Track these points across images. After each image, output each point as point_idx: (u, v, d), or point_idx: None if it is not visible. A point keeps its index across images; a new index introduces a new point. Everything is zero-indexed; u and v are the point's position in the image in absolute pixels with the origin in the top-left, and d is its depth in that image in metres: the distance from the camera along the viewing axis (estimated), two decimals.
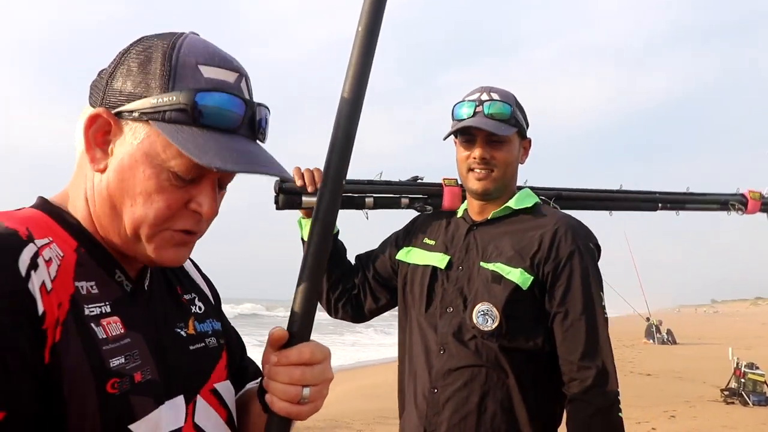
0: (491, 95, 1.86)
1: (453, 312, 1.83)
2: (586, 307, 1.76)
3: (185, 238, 0.92)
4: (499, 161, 1.85)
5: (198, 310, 1.06)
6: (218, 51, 0.90)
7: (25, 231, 0.81)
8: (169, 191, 0.87)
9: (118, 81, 0.87)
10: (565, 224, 1.84)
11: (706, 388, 11.17)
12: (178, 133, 0.83)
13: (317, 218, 0.93)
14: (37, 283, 0.77)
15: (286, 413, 0.91)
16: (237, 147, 0.86)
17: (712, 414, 8.93)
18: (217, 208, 0.91)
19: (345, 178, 0.94)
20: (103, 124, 0.87)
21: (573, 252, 1.78)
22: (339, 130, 0.93)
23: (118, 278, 0.91)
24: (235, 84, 0.89)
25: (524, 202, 1.91)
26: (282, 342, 0.92)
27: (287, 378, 0.90)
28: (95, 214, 0.90)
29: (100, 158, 0.88)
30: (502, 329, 1.76)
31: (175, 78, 0.85)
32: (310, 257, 0.93)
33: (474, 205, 1.95)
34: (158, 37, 0.89)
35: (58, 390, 0.77)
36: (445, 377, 1.80)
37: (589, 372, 1.72)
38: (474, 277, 1.83)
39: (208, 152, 0.82)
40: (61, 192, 0.95)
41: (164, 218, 0.88)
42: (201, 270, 1.18)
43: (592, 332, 1.75)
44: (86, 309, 0.82)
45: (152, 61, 0.86)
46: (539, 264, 1.78)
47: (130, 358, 0.85)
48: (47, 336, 0.76)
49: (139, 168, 0.86)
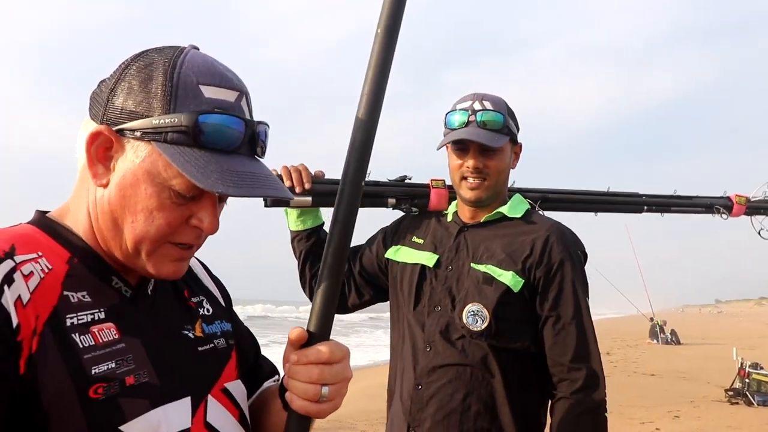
0: (483, 104, 1.88)
1: (441, 311, 1.86)
2: (577, 312, 1.81)
3: (183, 254, 0.94)
4: (492, 170, 1.88)
5: (206, 313, 1.08)
6: (218, 68, 0.91)
7: (5, 248, 0.84)
8: (170, 209, 0.89)
9: (120, 98, 0.88)
10: (556, 231, 1.88)
11: (710, 388, 11.14)
12: (180, 155, 0.85)
13: (336, 220, 0.95)
14: (12, 297, 0.79)
15: (305, 411, 0.93)
16: (238, 168, 0.88)
17: (717, 414, 8.91)
18: (217, 223, 0.93)
19: (364, 179, 0.96)
20: (105, 141, 0.89)
21: (564, 259, 1.83)
22: (358, 132, 0.95)
23: (115, 285, 0.93)
24: (235, 103, 0.91)
25: (516, 209, 1.95)
26: (301, 342, 0.94)
27: (306, 377, 0.92)
28: (97, 227, 0.92)
29: (102, 174, 0.90)
30: (491, 330, 1.79)
31: (176, 98, 0.86)
32: (329, 258, 0.95)
33: (465, 210, 1.98)
34: (159, 53, 0.90)
35: (36, 400, 0.79)
36: (430, 374, 1.83)
37: (579, 373, 1.76)
38: (463, 277, 1.86)
39: (209, 176, 0.84)
40: (62, 205, 0.98)
41: (165, 234, 0.90)
42: (211, 272, 1.20)
43: (583, 336, 1.80)
44: (69, 319, 0.84)
45: (153, 79, 0.87)
46: (531, 268, 1.82)
47: (122, 362, 0.87)
48: (23, 347, 0.78)
49: (140, 186, 0.88)
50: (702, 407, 9.39)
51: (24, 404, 0.79)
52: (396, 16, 0.95)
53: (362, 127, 0.95)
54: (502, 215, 1.93)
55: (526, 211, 1.96)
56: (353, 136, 0.95)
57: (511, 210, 1.94)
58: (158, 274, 0.94)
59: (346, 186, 0.95)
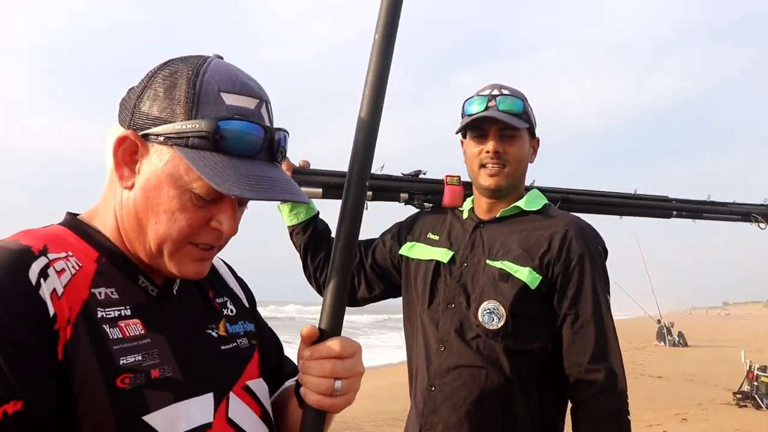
0: (502, 91, 1.86)
1: (455, 308, 1.80)
2: (596, 310, 1.74)
3: (204, 254, 0.98)
4: (512, 156, 1.83)
5: (230, 313, 1.12)
6: (240, 77, 0.95)
7: (39, 246, 0.89)
8: (191, 210, 0.93)
9: (146, 104, 0.92)
10: (575, 226, 1.81)
11: (718, 391, 11.09)
12: (200, 159, 0.89)
13: (343, 219, 0.98)
14: (48, 289, 0.84)
15: (318, 405, 0.96)
16: (256, 172, 0.91)
17: (724, 417, 8.87)
18: (236, 226, 0.97)
19: (368, 180, 0.99)
20: (131, 145, 0.93)
21: (583, 254, 1.76)
22: (361, 134, 0.99)
23: (142, 284, 0.97)
24: (255, 110, 0.94)
25: (534, 203, 1.89)
26: (313, 338, 0.98)
27: (319, 371, 0.96)
28: (123, 228, 0.96)
29: (128, 176, 0.94)
30: (508, 328, 1.72)
31: (198, 105, 0.90)
32: (337, 257, 0.98)
33: (482, 202, 1.92)
34: (183, 62, 0.94)
35: (68, 385, 0.83)
36: (444, 375, 1.77)
37: (598, 375, 1.69)
38: (479, 274, 1.81)
39: (227, 180, 0.87)
40: (92, 207, 1.02)
41: (186, 235, 0.94)
42: (236, 273, 1.25)
43: (602, 335, 1.73)
44: (99, 312, 0.89)
45: (177, 87, 0.91)
46: (548, 264, 1.76)
47: (147, 356, 0.91)
48: (59, 335, 0.83)
49: (163, 188, 0.92)
50: (710, 410, 9.35)
51: (60, 388, 0.83)
52: (392, 22, 0.99)
53: (364, 128, 0.99)
54: (519, 209, 1.87)
55: (543, 206, 1.90)
56: (356, 138, 0.99)
57: (528, 203, 1.88)
58: (180, 274, 0.97)
59: (351, 186, 0.98)
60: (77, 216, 1.01)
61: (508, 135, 1.83)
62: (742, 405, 9.76)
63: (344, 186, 0.99)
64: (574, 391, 1.73)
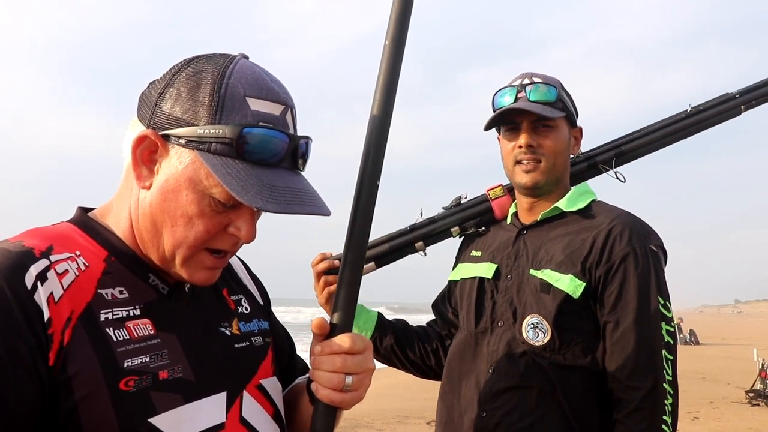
0: (533, 79, 1.71)
1: (504, 326, 1.64)
2: (640, 317, 1.53)
3: (217, 262, 0.97)
4: (547, 150, 1.67)
5: (244, 311, 1.11)
6: (266, 81, 0.92)
7: (43, 247, 0.88)
8: (209, 216, 0.91)
9: (168, 103, 0.90)
10: (621, 223, 1.61)
11: (730, 389, 11.01)
12: (222, 166, 0.86)
13: (355, 217, 1.00)
14: (44, 293, 0.83)
15: (329, 400, 0.96)
16: (277, 183, 0.89)
17: (737, 416, 8.81)
18: (254, 232, 0.95)
19: (379, 178, 1.01)
20: (150, 145, 0.91)
21: (628, 254, 1.57)
22: (372, 136, 1.00)
23: (152, 282, 0.96)
24: (280, 117, 0.92)
25: (577, 202, 1.71)
26: (323, 331, 0.98)
27: (330, 366, 0.96)
28: (137, 228, 0.95)
29: (145, 176, 0.92)
30: (555, 343, 1.56)
31: (222, 109, 0.87)
32: (350, 253, 0.99)
33: (523, 203, 1.77)
34: (208, 61, 0.91)
35: (67, 389, 0.82)
36: (494, 400, 1.59)
37: (636, 393, 1.49)
38: (524, 286, 1.65)
39: (249, 190, 0.85)
40: (106, 203, 1.01)
41: (203, 241, 0.93)
42: (251, 271, 1.24)
43: (646, 346, 1.52)
44: (104, 314, 0.88)
45: (201, 88, 0.88)
46: (591, 268, 1.58)
47: (156, 357, 0.90)
48: (53, 340, 0.82)
49: (182, 192, 0.90)
50: (722, 408, 9.29)
51: (54, 394, 0.82)
52: (402, 27, 1.01)
53: (375, 131, 1.01)
54: (560, 211, 1.70)
55: (590, 203, 1.71)
56: (367, 140, 1.01)
57: (569, 203, 1.70)
58: (191, 280, 0.96)
59: (363, 185, 1.00)
60: (89, 212, 1.00)
61: (542, 126, 1.68)
62: (754, 404, 9.69)
63: (356, 186, 1.01)
64: (614, 410, 1.53)
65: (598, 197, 1.76)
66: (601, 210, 1.69)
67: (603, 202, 1.75)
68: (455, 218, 1.90)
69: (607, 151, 1.86)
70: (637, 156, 1.89)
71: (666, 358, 1.53)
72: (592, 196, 1.74)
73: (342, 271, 1.00)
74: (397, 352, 1.95)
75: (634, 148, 1.88)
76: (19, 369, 0.79)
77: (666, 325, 1.56)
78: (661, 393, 1.50)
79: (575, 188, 1.76)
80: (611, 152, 1.86)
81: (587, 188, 1.78)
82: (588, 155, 1.86)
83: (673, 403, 1.51)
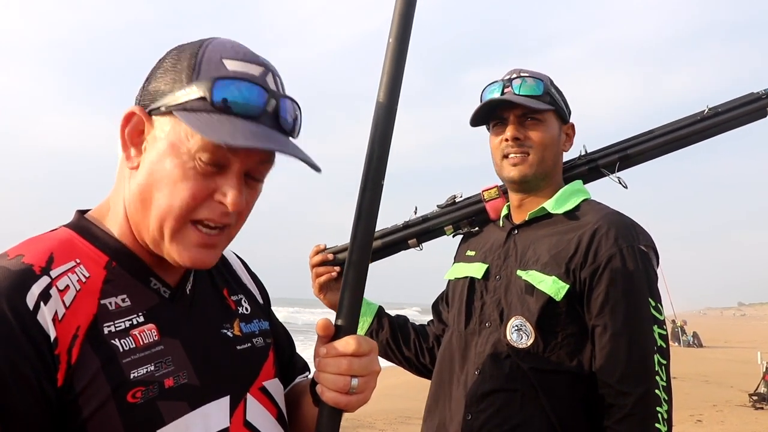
0: (520, 74, 1.68)
1: (491, 327, 1.62)
2: (630, 320, 1.49)
3: (207, 239, 0.92)
4: (535, 142, 1.64)
5: (245, 311, 1.10)
6: (245, 48, 0.93)
7: (42, 263, 0.85)
8: (194, 179, 0.88)
9: (152, 82, 0.92)
10: (608, 223, 1.56)
11: (733, 392, 10.98)
12: (197, 119, 0.85)
13: (360, 217, 0.99)
14: (48, 313, 0.81)
15: (334, 403, 0.95)
16: (255, 130, 0.86)
17: (740, 419, 8.77)
18: (242, 200, 0.91)
19: (384, 178, 1.00)
20: (138, 123, 0.91)
21: (614, 255, 1.52)
22: (376, 134, 1.00)
23: (153, 286, 0.95)
24: (259, 76, 0.90)
25: (565, 203, 1.66)
26: (328, 332, 0.97)
27: (335, 368, 0.94)
28: (131, 215, 0.93)
29: (134, 156, 0.92)
30: (538, 347, 1.53)
31: (199, 72, 0.88)
32: (354, 255, 0.99)
33: (513, 199, 1.75)
34: (190, 43, 0.93)
35: (75, 407, 0.82)
36: (479, 402, 1.57)
37: (627, 399, 1.45)
38: (511, 287, 1.62)
39: (219, 131, 0.83)
40: (102, 202, 0.99)
41: (189, 208, 0.89)
42: (250, 269, 1.22)
43: (637, 350, 1.48)
44: (107, 327, 0.86)
45: (180, 60, 0.90)
46: (575, 270, 1.54)
47: (161, 365, 0.89)
48: (60, 360, 0.81)
49: (165, 159, 0.88)
50: (725, 412, 9.26)
51: (63, 414, 0.82)
52: (406, 26, 1.01)
53: (379, 129, 1.00)
54: (547, 212, 1.67)
55: (579, 203, 1.66)
56: (371, 138, 1.00)
57: (556, 204, 1.66)
58: (183, 261, 0.92)
59: (368, 184, 0.99)
60: (86, 214, 0.98)
61: (529, 120, 1.65)
62: (758, 407, 9.65)
63: (360, 184, 1.00)
64: (605, 416, 1.49)
65: (599, 199, 1.72)
66: (589, 209, 1.64)
67: (594, 201, 1.70)
68: (449, 217, 1.90)
69: (610, 154, 1.78)
70: (645, 160, 1.80)
71: (659, 362, 1.48)
72: (584, 195, 1.70)
73: (346, 272, 0.99)
74: (392, 346, 1.96)
75: (641, 152, 1.78)
76: (25, 393, 0.78)
77: (658, 329, 1.51)
78: (654, 400, 1.45)
79: (566, 187, 1.71)
80: (615, 156, 1.77)
81: (579, 186, 1.74)
82: (590, 157, 1.80)
83: (668, 410, 1.47)
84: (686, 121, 1.78)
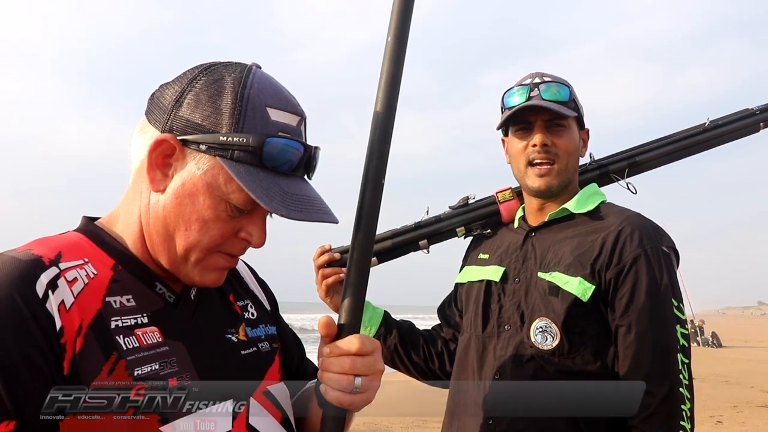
0: (544, 78, 1.68)
1: (511, 330, 1.61)
2: (654, 320, 1.49)
3: (230, 264, 1.00)
4: (561, 150, 1.65)
5: (251, 317, 1.12)
6: (283, 92, 0.96)
7: (51, 256, 0.88)
8: (224, 221, 0.94)
9: (186, 109, 0.92)
10: (631, 224, 1.58)
11: (754, 392, 10.84)
12: (246, 173, 0.89)
13: (361, 217, 0.99)
14: (56, 301, 0.83)
15: (338, 402, 0.96)
16: (295, 191, 0.93)
17: (762, 420, 8.65)
18: (265, 238, 0.98)
19: (384, 177, 1.01)
20: (168, 149, 0.92)
21: (639, 256, 1.53)
22: (376, 134, 1.00)
23: (159, 290, 0.97)
24: (296, 128, 0.96)
25: (585, 204, 1.68)
26: (330, 330, 0.98)
27: (339, 367, 0.95)
28: (147, 231, 0.96)
29: (159, 180, 0.94)
30: (564, 348, 1.53)
31: (244, 118, 0.90)
32: (355, 254, 0.99)
33: (532, 203, 1.75)
34: (226, 69, 0.94)
35: None
36: (501, 407, 1.57)
37: (652, 399, 1.45)
38: (531, 289, 1.62)
39: (273, 198, 0.89)
40: (112, 211, 1.02)
41: (216, 245, 0.95)
42: (258, 275, 1.24)
43: (661, 349, 1.48)
44: (114, 322, 0.88)
45: (222, 96, 0.91)
46: (600, 270, 1.54)
47: (165, 364, 0.91)
48: (66, 349, 0.82)
49: (199, 197, 0.92)
50: (746, 412, 9.14)
51: None
52: (404, 23, 1.00)
53: (379, 129, 1.00)
54: (569, 212, 1.67)
55: (598, 204, 1.68)
56: (371, 138, 1.00)
57: (578, 205, 1.67)
58: (202, 282, 0.98)
59: (368, 184, 0.99)
60: (95, 221, 1.01)
61: (555, 126, 1.66)
62: None
63: (361, 184, 1.00)
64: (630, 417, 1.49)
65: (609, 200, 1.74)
66: (610, 211, 1.66)
67: (612, 203, 1.72)
68: (461, 218, 1.90)
69: (620, 161, 1.86)
70: (651, 167, 1.89)
71: (682, 361, 1.49)
72: (602, 198, 1.72)
73: (348, 272, 1.00)
74: (400, 352, 1.93)
75: (648, 160, 1.87)
76: (37, 380, 0.79)
77: (680, 328, 1.52)
78: (678, 398, 1.46)
79: (584, 189, 1.74)
80: (624, 162, 1.85)
81: (596, 189, 1.76)
82: (600, 163, 1.85)
83: (691, 408, 1.47)
84: (689, 132, 1.91)
